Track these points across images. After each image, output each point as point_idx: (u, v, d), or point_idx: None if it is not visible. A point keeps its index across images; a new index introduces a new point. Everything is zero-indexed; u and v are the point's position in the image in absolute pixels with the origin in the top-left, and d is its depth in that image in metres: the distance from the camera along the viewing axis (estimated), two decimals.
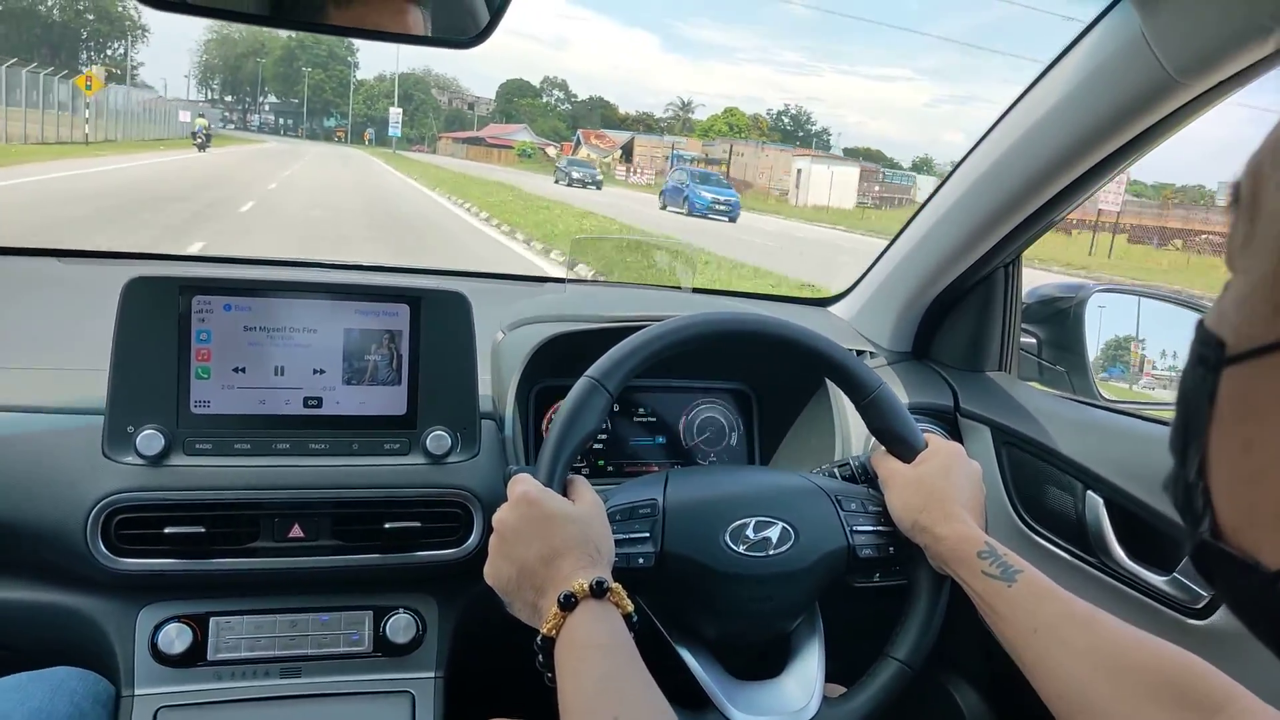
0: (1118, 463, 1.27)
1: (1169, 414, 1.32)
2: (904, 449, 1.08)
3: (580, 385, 1.00)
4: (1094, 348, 1.61)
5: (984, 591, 0.91)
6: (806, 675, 1.05)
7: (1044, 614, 0.86)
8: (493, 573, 0.90)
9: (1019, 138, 1.31)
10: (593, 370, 1.01)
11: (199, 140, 34.41)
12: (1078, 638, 0.83)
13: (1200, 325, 0.40)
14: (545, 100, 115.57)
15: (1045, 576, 0.91)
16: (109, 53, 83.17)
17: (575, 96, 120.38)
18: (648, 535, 1.00)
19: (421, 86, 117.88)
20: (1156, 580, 1.18)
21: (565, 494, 0.94)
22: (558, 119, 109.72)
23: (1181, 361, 0.45)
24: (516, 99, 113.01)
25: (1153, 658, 0.79)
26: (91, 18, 78.73)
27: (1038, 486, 1.39)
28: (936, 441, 1.09)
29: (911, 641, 1.03)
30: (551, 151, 76.40)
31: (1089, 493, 1.29)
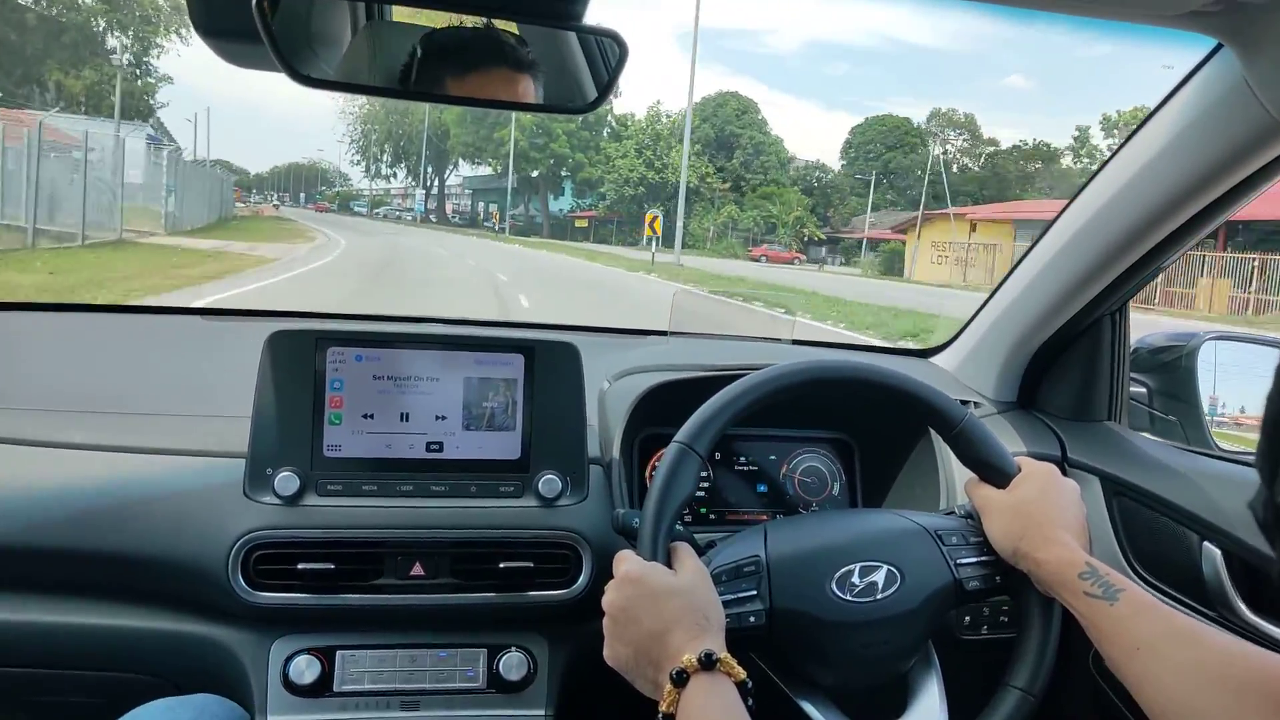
0: (1238, 514, 1.24)
1: None
2: (997, 475, 1.08)
3: (670, 452, 1.02)
4: (1207, 396, 1.57)
5: (1087, 612, 0.91)
6: (930, 713, 1.05)
7: (1147, 630, 0.86)
8: (612, 655, 0.93)
9: (1123, 186, 1.32)
10: (681, 435, 1.03)
11: None
12: (1181, 653, 0.83)
13: None
14: (945, 150, 57.78)
15: (1148, 594, 0.90)
16: (113, 57, 36.75)
17: (986, 142, 59.60)
18: (755, 593, 1.02)
19: (752, 121, 55.18)
20: None
21: (669, 563, 0.96)
22: None
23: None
24: (884, 149, 55.11)
25: (1259, 670, 0.78)
26: None
27: (1151, 538, 1.36)
28: (1029, 465, 1.08)
29: (1029, 668, 1.02)
30: None
31: (1205, 544, 1.26)
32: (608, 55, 1.02)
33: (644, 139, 52.64)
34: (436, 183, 69.16)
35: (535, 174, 55.65)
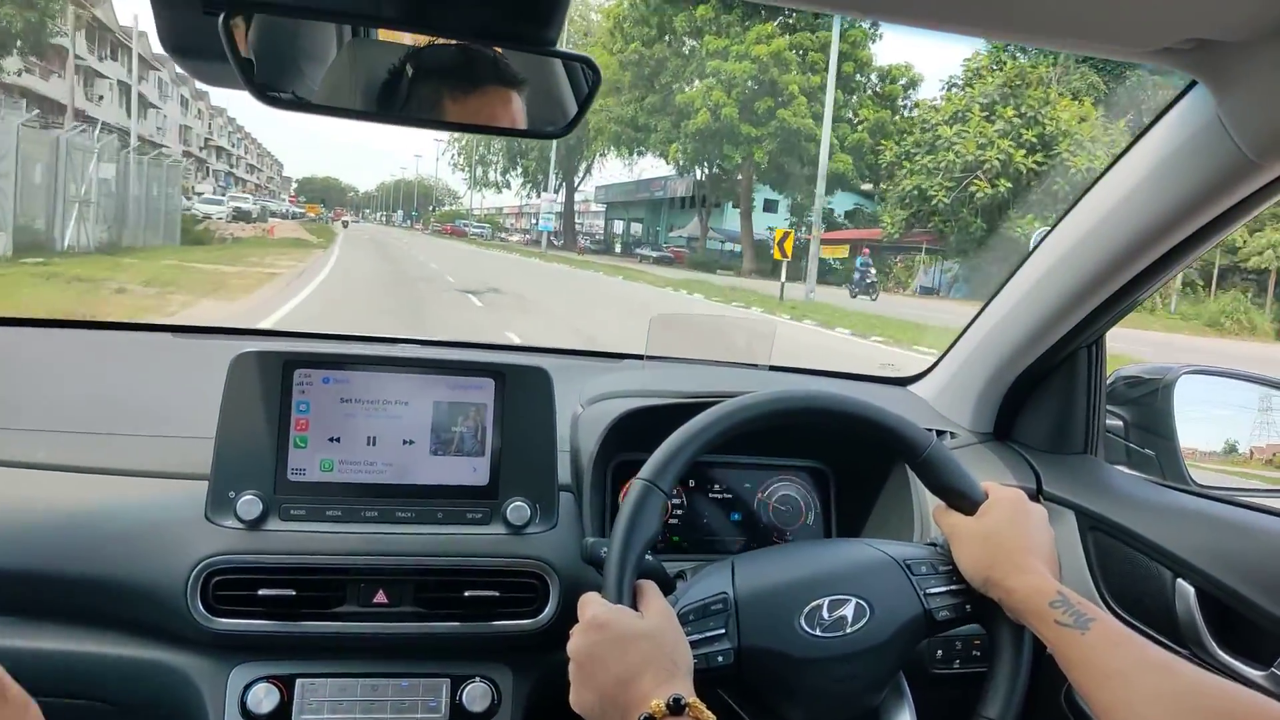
0: (1211, 551, 1.23)
1: (1271, 501, 1.27)
2: (964, 502, 1.07)
3: (635, 489, 1.00)
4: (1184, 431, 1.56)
5: (1057, 641, 0.90)
6: None
7: (1118, 660, 0.85)
8: (578, 702, 0.91)
9: (1098, 220, 1.32)
10: (644, 472, 1.02)
11: None
12: (1152, 683, 0.82)
13: None
14: None
15: (1120, 623, 0.90)
16: None
17: None
18: (723, 631, 1.00)
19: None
20: (1253, 674, 1.14)
21: (635, 604, 0.95)
22: None
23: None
24: None
25: (1229, 702, 0.78)
26: None
27: (1125, 574, 1.35)
28: (996, 491, 1.07)
29: (1002, 697, 1.00)
30: None
31: (1179, 581, 1.25)
32: (583, 79, 1.01)
33: (993, 90, 25.19)
34: (564, 192, 45.88)
35: (733, 167, 30.90)
